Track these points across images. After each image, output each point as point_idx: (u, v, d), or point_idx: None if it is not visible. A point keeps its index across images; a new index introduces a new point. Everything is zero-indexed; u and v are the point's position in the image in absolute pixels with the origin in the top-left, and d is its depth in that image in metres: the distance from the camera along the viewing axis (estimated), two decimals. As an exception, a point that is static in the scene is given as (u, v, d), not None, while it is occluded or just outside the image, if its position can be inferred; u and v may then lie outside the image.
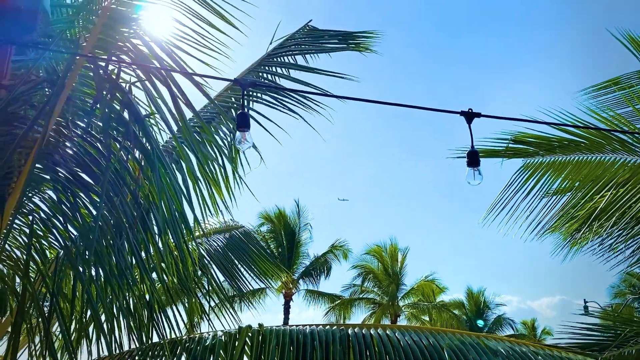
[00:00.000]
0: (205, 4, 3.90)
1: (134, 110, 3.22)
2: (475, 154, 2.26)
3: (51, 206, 3.62)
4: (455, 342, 3.82)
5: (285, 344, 3.74)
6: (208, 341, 3.89)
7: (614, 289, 26.94)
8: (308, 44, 5.53)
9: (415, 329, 4.05)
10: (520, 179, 6.37)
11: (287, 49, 5.47)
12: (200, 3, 3.90)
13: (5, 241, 3.67)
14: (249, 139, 2.19)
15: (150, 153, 3.11)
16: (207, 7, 3.91)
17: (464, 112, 2.18)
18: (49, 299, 3.45)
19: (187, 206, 3.33)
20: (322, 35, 5.61)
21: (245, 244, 6.71)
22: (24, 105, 3.50)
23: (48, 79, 3.44)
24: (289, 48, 5.49)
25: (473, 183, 2.27)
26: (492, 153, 6.27)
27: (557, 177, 6.28)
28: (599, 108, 6.00)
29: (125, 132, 3.22)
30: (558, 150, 6.24)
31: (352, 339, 3.81)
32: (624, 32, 5.85)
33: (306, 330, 3.91)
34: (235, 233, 6.90)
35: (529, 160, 6.39)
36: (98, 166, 3.34)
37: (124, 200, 3.19)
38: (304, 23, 5.78)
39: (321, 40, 5.54)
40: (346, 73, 4.86)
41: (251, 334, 3.88)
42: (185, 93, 3.10)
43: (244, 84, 2.50)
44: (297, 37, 5.66)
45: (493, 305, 34.37)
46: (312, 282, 27.79)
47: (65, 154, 3.42)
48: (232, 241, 6.63)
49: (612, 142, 5.87)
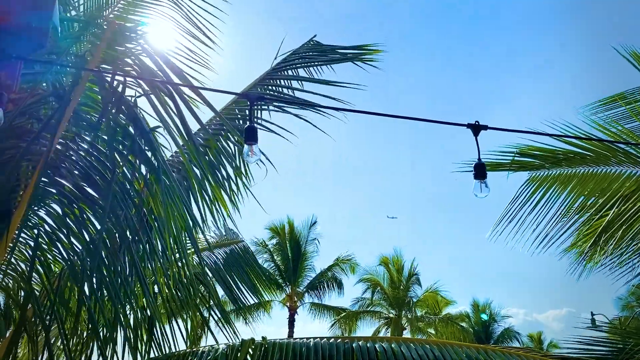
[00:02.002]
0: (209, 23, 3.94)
1: (140, 124, 3.23)
2: (482, 166, 2.25)
3: (56, 220, 3.62)
4: (463, 356, 3.78)
5: (289, 358, 3.71)
6: (210, 355, 3.86)
7: (622, 301, 26.70)
8: (312, 57, 5.58)
9: (421, 342, 4.01)
10: (526, 192, 6.34)
11: (292, 63, 5.51)
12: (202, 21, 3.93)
13: (12, 255, 3.67)
14: (257, 152, 2.19)
15: (156, 167, 3.11)
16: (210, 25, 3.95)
17: (471, 124, 2.18)
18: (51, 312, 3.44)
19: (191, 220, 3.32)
20: (326, 49, 5.66)
21: (243, 260, 6.61)
22: (31, 119, 3.52)
23: (54, 92, 3.47)
24: (293, 62, 5.53)
25: (480, 196, 2.26)
26: (498, 166, 6.26)
27: (563, 190, 6.26)
28: (605, 122, 6.00)
29: (130, 146, 3.22)
30: (564, 163, 6.23)
31: (357, 352, 3.77)
32: (628, 48, 5.87)
33: (310, 344, 3.88)
34: (235, 248, 6.81)
35: (535, 173, 6.38)
36: (103, 180, 3.35)
37: (129, 214, 3.19)
38: (309, 38, 5.82)
39: (325, 54, 5.58)
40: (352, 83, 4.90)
41: (254, 346, 3.85)
42: (191, 107, 3.12)
43: (252, 98, 2.50)
44: (301, 51, 5.71)
45: (499, 317, 34.14)
46: (318, 295, 27.67)
47: (71, 168, 3.43)
48: (231, 256, 6.55)
49: (617, 154, 5.85)
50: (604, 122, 5.98)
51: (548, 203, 6.26)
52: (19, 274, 3.84)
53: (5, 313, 4.38)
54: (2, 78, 2.13)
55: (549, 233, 6.18)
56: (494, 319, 34.02)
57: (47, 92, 3.47)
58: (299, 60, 5.55)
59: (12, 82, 2.15)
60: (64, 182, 3.42)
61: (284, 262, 27.08)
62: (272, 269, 27.09)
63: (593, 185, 6.10)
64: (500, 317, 34.16)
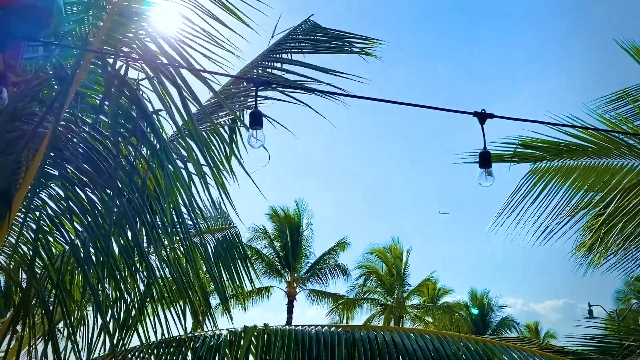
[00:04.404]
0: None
1: (142, 107, 3.22)
2: (487, 155, 2.24)
3: (58, 202, 3.62)
4: (461, 347, 3.80)
5: (291, 345, 3.72)
6: (213, 340, 3.87)
7: (619, 294, 26.84)
8: (309, 43, 5.46)
9: (422, 332, 4.02)
10: (528, 183, 6.34)
11: (289, 46, 5.40)
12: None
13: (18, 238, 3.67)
14: (261, 137, 2.18)
15: (157, 150, 3.10)
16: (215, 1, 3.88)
17: (477, 112, 2.16)
18: (54, 294, 3.45)
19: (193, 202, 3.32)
20: (324, 36, 5.53)
21: (232, 247, 6.25)
22: (33, 101, 3.51)
23: (56, 75, 3.45)
24: (290, 45, 5.42)
25: (485, 184, 2.25)
26: (500, 158, 6.25)
27: (565, 182, 6.25)
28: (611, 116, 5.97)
29: (132, 129, 3.21)
30: (566, 155, 6.21)
31: (358, 341, 3.78)
32: (629, 43, 5.83)
33: (311, 332, 3.89)
34: (228, 234, 6.49)
35: (537, 165, 6.36)
36: (106, 162, 3.34)
37: (132, 196, 3.19)
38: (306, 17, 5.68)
39: (322, 42, 5.47)
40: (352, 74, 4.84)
41: (256, 333, 3.87)
42: (193, 90, 3.10)
43: (257, 82, 2.48)
44: (299, 33, 5.57)
45: (497, 307, 34.38)
46: (318, 281, 27.82)
47: (73, 150, 3.42)
48: (223, 242, 6.21)
49: (619, 147, 5.83)
50: (610, 116, 5.96)
51: (549, 195, 6.26)
52: (21, 256, 3.85)
53: (5, 294, 4.39)
54: (6, 58, 2.11)
55: (549, 225, 6.18)
56: (492, 308, 34.26)
57: (49, 75, 3.45)
58: (297, 44, 5.44)
59: (16, 63, 2.14)
60: (66, 165, 3.41)
61: (282, 248, 27.19)
62: (272, 255, 27.23)
63: (595, 177, 6.09)
64: (498, 307, 34.41)
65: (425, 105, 2.14)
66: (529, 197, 6.27)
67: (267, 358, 3.68)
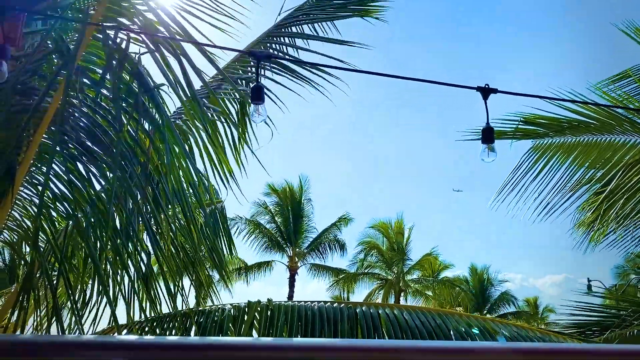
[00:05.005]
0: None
1: (144, 81, 3.20)
2: (490, 130, 2.23)
3: (60, 177, 3.63)
4: (462, 325, 3.85)
5: (294, 320, 3.77)
6: (217, 315, 3.92)
7: (619, 270, 27.00)
8: (317, 12, 5.42)
9: (423, 309, 4.07)
10: (529, 160, 6.33)
11: (296, 19, 5.37)
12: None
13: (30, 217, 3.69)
14: (263, 112, 2.17)
15: (160, 124, 3.09)
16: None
17: (480, 87, 2.15)
18: (57, 268, 3.49)
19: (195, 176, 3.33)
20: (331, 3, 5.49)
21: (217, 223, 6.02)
22: (34, 75, 3.49)
23: (56, 49, 3.42)
24: (298, 18, 5.39)
25: (487, 160, 2.25)
26: (501, 134, 6.23)
27: (566, 159, 6.24)
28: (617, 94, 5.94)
29: (134, 103, 3.20)
30: (568, 132, 6.19)
31: (360, 317, 3.83)
32: (629, 24, 5.75)
33: (314, 307, 3.94)
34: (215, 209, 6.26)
35: (538, 141, 6.35)
36: (107, 137, 3.34)
37: (134, 171, 3.19)
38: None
39: (329, 9, 5.43)
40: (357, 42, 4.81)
41: (260, 308, 3.91)
42: (195, 64, 3.07)
43: (258, 56, 2.46)
44: (305, 7, 5.55)
45: (496, 282, 34.70)
46: (319, 256, 28.04)
47: (75, 125, 3.41)
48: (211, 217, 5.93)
49: (622, 123, 5.81)
50: (615, 94, 5.92)
51: (551, 171, 6.26)
52: (25, 230, 3.88)
53: (10, 268, 4.44)
54: (5, 31, 2.09)
55: (550, 201, 6.20)
56: (491, 283, 34.57)
57: (49, 49, 3.43)
58: (304, 16, 5.41)
59: (15, 35, 2.12)
60: (67, 139, 3.41)
61: (284, 223, 27.32)
62: (274, 230, 27.39)
63: (597, 154, 6.08)
64: (498, 282, 34.72)
65: (428, 80, 2.13)
66: (530, 173, 6.28)
67: (270, 333, 3.73)
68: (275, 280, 34.93)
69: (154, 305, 3.56)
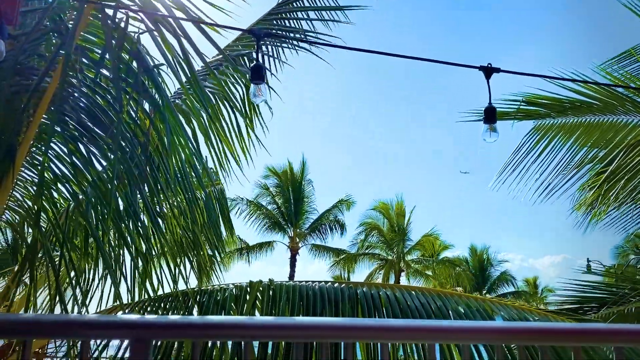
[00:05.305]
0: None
1: (143, 61, 3.17)
2: (492, 110, 2.22)
3: (61, 157, 3.62)
4: (462, 305, 3.87)
5: (295, 300, 3.80)
6: (220, 295, 3.95)
7: (618, 250, 27.10)
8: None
9: (424, 290, 4.09)
10: (531, 140, 6.32)
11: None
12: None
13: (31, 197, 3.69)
14: (264, 91, 2.15)
15: (160, 104, 3.08)
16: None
17: (483, 67, 2.13)
18: (59, 248, 3.50)
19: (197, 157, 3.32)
20: None
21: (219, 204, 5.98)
22: (33, 55, 3.46)
23: (55, 28, 3.39)
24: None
25: (489, 140, 2.24)
26: (503, 115, 6.20)
27: (568, 139, 6.22)
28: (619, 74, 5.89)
29: (134, 83, 3.18)
30: (570, 112, 6.16)
31: (361, 298, 3.86)
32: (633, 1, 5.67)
33: (315, 287, 3.96)
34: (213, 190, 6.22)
35: (540, 122, 6.32)
36: (107, 117, 3.32)
37: (134, 151, 3.19)
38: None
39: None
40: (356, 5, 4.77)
41: (262, 288, 3.94)
42: (194, 44, 3.04)
43: (258, 35, 2.43)
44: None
45: (496, 262, 34.91)
46: (319, 237, 28.16)
47: (75, 105, 3.39)
48: None
49: (624, 103, 5.78)
50: (618, 74, 5.88)
51: (552, 152, 6.25)
52: (26, 210, 3.88)
53: (13, 248, 4.46)
54: (2, 8, 2.07)
55: (551, 182, 6.19)
56: (491, 263, 34.79)
57: (48, 28, 3.39)
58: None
59: (12, 14, 2.09)
60: (67, 120, 3.39)
61: (285, 204, 27.40)
62: (275, 211, 27.48)
63: (599, 134, 6.06)
64: (497, 262, 34.94)
65: (431, 59, 2.11)
66: (532, 154, 6.27)
67: (272, 312, 3.76)
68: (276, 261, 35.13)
69: (153, 286, 3.59)
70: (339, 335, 1.43)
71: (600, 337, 1.49)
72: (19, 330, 1.34)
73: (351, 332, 1.40)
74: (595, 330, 1.49)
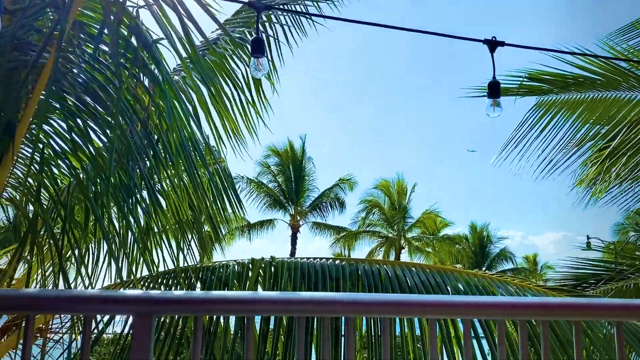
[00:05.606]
0: None
1: (142, 36, 3.13)
2: (497, 85, 2.19)
3: (61, 134, 3.61)
4: (461, 282, 3.89)
5: (297, 277, 3.81)
6: (222, 272, 3.96)
7: (618, 227, 27.19)
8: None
9: (424, 267, 4.11)
10: (533, 117, 6.28)
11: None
12: None
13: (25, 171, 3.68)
14: (264, 65, 2.12)
15: (160, 80, 3.04)
16: None
17: (487, 40, 2.09)
18: (61, 225, 3.50)
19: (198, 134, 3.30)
20: None
21: None
22: (31, 30, 3.41)
23: (52, 3, 3.33)
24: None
25: (492, 115, 2.22)
26: (506, 91, 6.15)
27: (571, 116, 6.19)
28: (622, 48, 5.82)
29: (133, 59, 3.14)
30: (573, 88, 6.11)
31: (362, 275, 3.87)
32: None
33: (317, 264, 3.98)
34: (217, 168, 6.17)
35: (543, 98, 6.28)
36: (106, 93, 3.29)
37: (134, 128, 3.16)
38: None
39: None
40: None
41: (264, 265, 3.95)
42: (194, 17, 3.00)
43: (258, 7, 2.39)
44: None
45: (496, 239, 35.09)
46: (320, 215, 28.27)
47: (73, 81, 3.36)
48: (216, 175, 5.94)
49: (629, 79, 5.73)
50: (621, 48, 5.81)
51: (555, 128, 6.22)
52: (27, 188, 3.88)
53: (14, 225, 4.46)
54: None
55: (553, 159, 6.18)
56: (491, 240, 34.97)
57: (45, 2, 3.34)
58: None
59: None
60: (66, 96, 3.36)
61: (286, 183, 27.45)
62: (276, 189, 27.54)
63: (602, 111, 6.02)
64: (497, 239, 35.11)
65: (436, 33, 2.07)
66: (534, 130, 6.24)
67: (274, 289, 3.78)
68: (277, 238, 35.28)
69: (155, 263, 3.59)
70: (341, 310, 1.43)
71: (601, 311, 1.49)
72: (22, 306, 1.35)
73: (353, 307, 1.40)
74: (596, 305, 1.50)
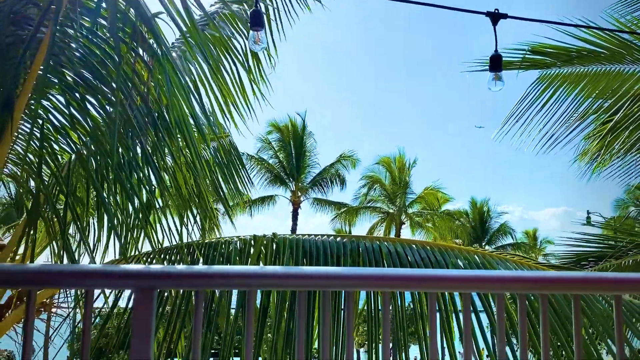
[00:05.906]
0: None
1: (141, 9, 3.09)
2: (499, 58, 2.17)
3: (60, 109, 3.59)
4: (461, 259, 3.91)
5: (299, 254, 3.83)
6: (224, 248, 3.98)
7: (619, 203, 27.24)
8: None
9: (424, 244, 4.12)
10: (535, 90, 6.23)
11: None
12: None
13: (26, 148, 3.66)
14: (263, 39, 2.10)
15: (159, 54, 3.01)
16: None
17: (490, 12, 2.06)
18: (64, 200, 3.51)
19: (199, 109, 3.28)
20: None
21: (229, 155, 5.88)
22: (28, 4, 3.37)
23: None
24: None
25: (494, 89, 2.20)
26: (508, 65, 6.08)
27: (574, 89, 6.14)
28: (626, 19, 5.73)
29: (132, 33, 3.10)
30: (576, 61, 6.05)
31: (363, 252, 3.89)
32: None
33: (318, 241, 3.99)
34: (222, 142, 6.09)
35: (546, 71, 6.22)
36: (105, 67, 3.26)
37: (134, 102, 3.14)
38: None
39: None
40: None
41: (265, 242, 3.96)
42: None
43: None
44: None
45: (496, 214, 35.19)
46: (321, 191, 28.31)
47: (71, 56, 3.33)
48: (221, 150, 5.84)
49: (632, 52, 5.66)
50: (626, 20, 5.72)
51: (557, 102, 6.17)
52: (29, 164, 3.87)
53: (17, 201, 4.47)
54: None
55: (555, 133, 6.15)
56: (490, 216, 35.06)
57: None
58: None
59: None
60: (65, 71, 3.34)
61: (287, 159, 27.42)
62: (277, 165, 27.54)
63: (605, 84, 5.97)
64: (497, 214, 35.21)
65: (436, 5, 2.04)
66: (536, 104, 6.19)
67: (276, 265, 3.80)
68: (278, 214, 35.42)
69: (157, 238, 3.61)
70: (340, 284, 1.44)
71: (599, 284, 1.50)
72: (24, 280, 1.35)
73: (352, 281, 1.41)
74: (594, 279, 1.50)
